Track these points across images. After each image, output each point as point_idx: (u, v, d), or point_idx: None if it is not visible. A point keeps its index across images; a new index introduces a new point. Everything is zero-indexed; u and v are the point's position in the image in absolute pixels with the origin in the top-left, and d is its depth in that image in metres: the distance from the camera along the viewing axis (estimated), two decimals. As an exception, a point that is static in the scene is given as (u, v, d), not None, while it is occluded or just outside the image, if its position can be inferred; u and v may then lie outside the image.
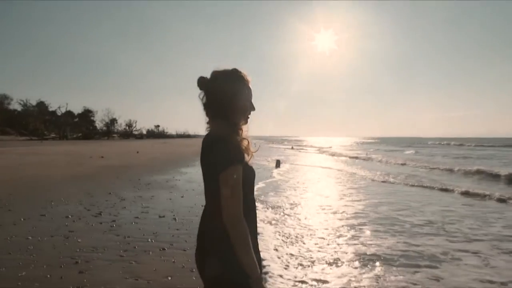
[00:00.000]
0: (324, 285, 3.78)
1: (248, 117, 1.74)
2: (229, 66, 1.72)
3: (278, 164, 19.30)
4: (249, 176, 1.62)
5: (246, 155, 1.63)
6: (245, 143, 1.66)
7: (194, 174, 13.66)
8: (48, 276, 3.68)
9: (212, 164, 1.53)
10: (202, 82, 1.68)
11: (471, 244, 5.32)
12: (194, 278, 3.77)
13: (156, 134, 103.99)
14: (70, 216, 6.21)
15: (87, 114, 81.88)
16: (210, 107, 1.67)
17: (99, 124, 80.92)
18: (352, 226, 6.21)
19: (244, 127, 1.71)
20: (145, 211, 6.84)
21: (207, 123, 1.71)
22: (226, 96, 1.63)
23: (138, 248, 4.68)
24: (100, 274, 3.77)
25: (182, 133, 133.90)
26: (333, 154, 33.98)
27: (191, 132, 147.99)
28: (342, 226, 6.25)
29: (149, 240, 5.06)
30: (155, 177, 12.17)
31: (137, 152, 25.08)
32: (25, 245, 4.64)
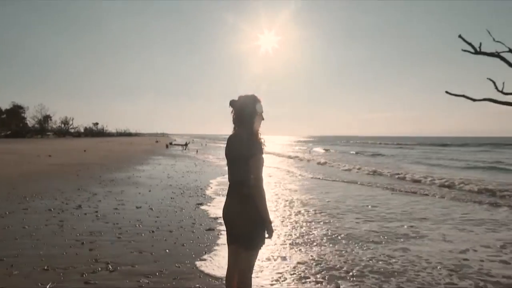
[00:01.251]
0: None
1: (260, 125, 2.74)
2: (249, 92, 2.72)
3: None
4: (264, 161, 2.64)
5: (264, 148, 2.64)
6: (262, 141, 2.66)
7: (152, 171, 14.21)
8: (64, 253, 4.36)
9: (246, 153, 2.52)
10: (232, 103, 2.66)
11: (390, 223, 6.78)
12: (187, 250, 4.68)
13: (95, 133, 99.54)
14: (52, 209, 6.71)
15: (16, 110, 75.90)
16: (238, 119, 2.65)
17: (30, 121, 75.58)
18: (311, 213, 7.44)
19: (260, 130, 2.71)
20: (121, 204, 7.49)
21: (234, 128, 2.70)
22: (248, 114, 2.63)
23: (130, 232, 5.44)
24: (108, 251, 4.53)
25: (123, 131, 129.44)
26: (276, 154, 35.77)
27: (133, 130, 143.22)
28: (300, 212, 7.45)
29: (136, 225, 5.82)
30: (115, 175, 12.56)
31: (84, 150, 24.60)
32: (26, 232, 5.18)
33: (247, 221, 2.55)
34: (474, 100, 22.34)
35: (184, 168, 16.16)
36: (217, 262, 4.26)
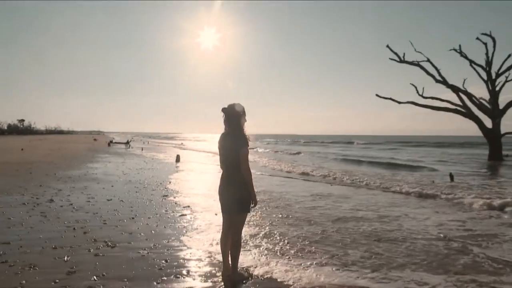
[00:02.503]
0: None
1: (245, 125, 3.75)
2: (236, 102, 3.71)
3: (178, 159, 20.85)
4: (248, 151, 3.66)
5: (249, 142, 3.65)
6: (248, 137, 3.66)
7: (106, 169, 14.43)
8: (62, 236, 4.99)
9: (238, 145, 3.50)
10: (225, 109, 3.63)
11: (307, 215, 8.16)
12: (170, 230, 5.53)
13: (20, 130, 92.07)
14: (26, 203, 7.07)
15: None
16: (229, 121, 3.63)
17: None
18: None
19: (245, 129, 3.70)
20: (91, 197, 8.00)
21: (225, 128, 3.67)
22: (237, 117, 3.62)
23: (112, 219, 6.11)
24: (101, 233, 5.22)
25: (54, 129, 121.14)
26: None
27: (64, 128, 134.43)
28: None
29: (115, 214, 6.49)
30: (69, 172, 12.65)
31: (22, 149, 23.47)
32: (15, 222, 5.64)
33: (236, 195, 3.56)
34: (399, 102, 25.69)
35: (136, 165, 16.48)
36: (198, 238, 5.19)
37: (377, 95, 26.77)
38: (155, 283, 3.53)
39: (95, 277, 3.60)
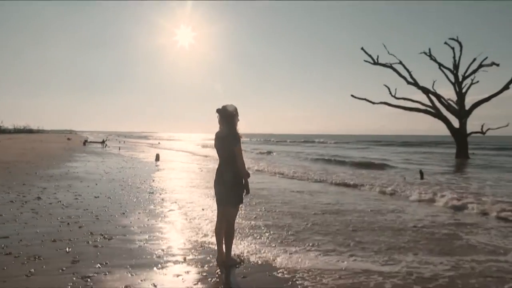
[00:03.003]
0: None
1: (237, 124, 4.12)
2: (229, 103, 4.08)
3: (157, 158, 20.92)
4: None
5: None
6: (240, 134, 4.03)
7: (86, 168, 14.41)
8: (59, 230, 5.20)
9: (232, 141, 3.87)
10: (219, 110, 3.99)
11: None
12: (161, 224, 5.82)
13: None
14: (14, 201, 7.16)
15: None
16: (223, 120, 3.99)
17: None
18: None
19: (238, 127, 4.08)
20: (78, 195, 8.14)
21: (220, 127, 4.03)
22: (231, 116, 3.99)
23: (103, 214, 6.33)
24: (95, 227, 5.45)
25: (22, 128, 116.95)
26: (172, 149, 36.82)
27: (34, 127, 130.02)
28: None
29: (105, 210, 6.70)
30: (49, 171, 12.60)
31: (-6, 148, 22.85)
32: (8, 218, 5.77)
33: (230, 189, 3.93)
34: (373, 103, 26.79)
35: (116, 164, 16.49)
36: (189, 230, 5.52)
37: (352, 95, 27.69)
38: (155, 268, 3.85)
39: (99, 264, 3.88)
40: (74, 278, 3.51)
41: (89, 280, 3.48)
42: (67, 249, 4.37)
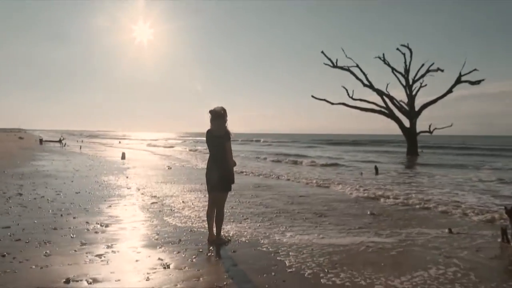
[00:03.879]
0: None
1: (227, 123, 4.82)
2: (220, 104, 4.77)
3: (123, 156, 20.95)
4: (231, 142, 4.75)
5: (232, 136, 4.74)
6: (230, 132, 4.73)
7: (54, 166, 14.37)
8: (55, 220, 5.62)
9: (223, 138, 4.57)
10: (211, 111, 4.67)
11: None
12: (148, 214, 6.37)
13: None
14: (-3, 197, 7.37)
15: None
16: (215, 120, 4.68)
17: None
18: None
19: (228, 126, 4.77)
20: (58, 191, 8.42)
21: (212, 125, 4.71)
22: (222, 116, 4.68)
23: (92, 206, 6.77)
24: (90, 218, 5.91)
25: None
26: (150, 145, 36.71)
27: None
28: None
29: (91, 203, 7.11)
30: (17, 170, 12.52)
31: None
32: (0, 212, 6.08)
33: (222, 177, 4.63)
34: (332, 103, 28.54)
35: (83, 163, 16.47)
36: (177, 217, 6.12)
37: (312, 96, 29.04)
38: (157, 248, 4.47)
39: (106, 246, 4.43)
40: (89, 256, 4.06)
41: (102, 257, 4.04)
42: (71, 235, 4.86)
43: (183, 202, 7.60)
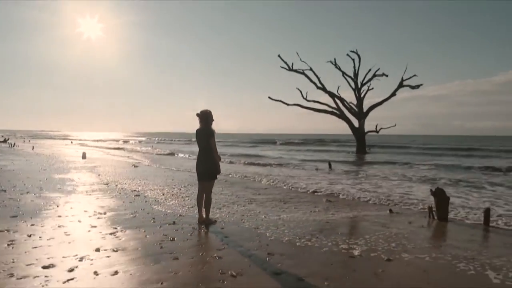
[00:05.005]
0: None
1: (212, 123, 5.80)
2: (207, 107, 5.74)
3: (84, 156, 20.93)
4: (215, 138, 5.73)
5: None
6: (214, 130, 5.71)
7: (18, 166, 14.34)
8: (55, 210, 6.25)
9: (208, 135, 5.54)
10: (199, 114, 5.63)
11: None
12: (136, 203, 7.15)
13: None
14: (-17, 193, 7.73)
15: None
16: (203, 120, 5.64)
17: None
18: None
19: (213, 125, 5.74)
20: (40, 186, 8.86)
21: (200, 125, 5.67)
22: (208, 117, 5.66)
23: (80, 199, 7.40)
24: (85, 207, 6.59)
25: None
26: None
27: None
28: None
29: (76, 198, 7.73)
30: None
31: None
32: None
33: (208, 168, 5.60)
34: (287, 104, 30.47)
35: (46, 162, 16.45)
36: (165, 205, 6.97)
37: (269, 97, 30.45)
38: (158, 227, 5.34)
39: (113, 228, 5.23)
40: (102, 233, 4.87)
41: (113, 234, 4.87)
42: (78, 221, 5.58)
43: (163, 194, 8.42)
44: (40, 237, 4.65)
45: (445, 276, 3.70)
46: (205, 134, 5.57)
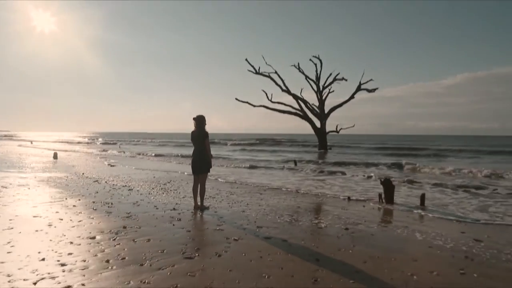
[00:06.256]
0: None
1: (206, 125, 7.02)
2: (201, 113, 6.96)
3: (55, 156, 21.13)
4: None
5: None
6: (208, 131, 6.93)
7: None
8: (52, 198, 7.19)
9: (203, 136, 6.77)
10: (195, 118, 6.84)
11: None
12: (133, 197, 8.19)
13: None
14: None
15: None
16: (198, 123, 6.85)
17: None
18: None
19: (206, 128, 6.97)
20: (25, 184, 9.60)
21: (196, 128, 6.88)
22: (202, 121, 6.89)
23: (86, 194, 8.32)
24: (94, 199, 7.55)
25: None
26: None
27: None
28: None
29: (82, 193, 8.63)
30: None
31: None
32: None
33: (203, 163, 6.82)
34: (254, 106, 32.33)
35: (17, 163, 16.73)
36: (162, 197, 8.07)
37: (236, 99, 31.77)
38: (163, 212, 6.48)
39: (126, 213, 6.31)
40: (119, 216, 5.96)
41: (129, 218, 5.97)
42: (93, 209, 6.60)
43: (152, 188, 9.47)
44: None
45: (387, 237, 5.20)
46: (201, 135, 6.78)
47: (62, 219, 5.70)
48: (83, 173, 12.83)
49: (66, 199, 7.52)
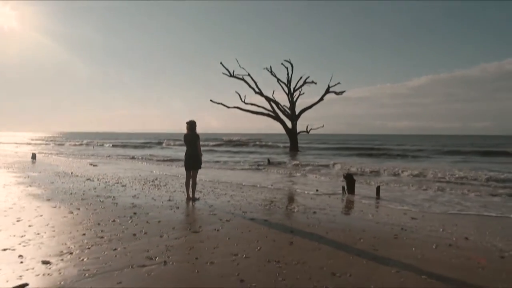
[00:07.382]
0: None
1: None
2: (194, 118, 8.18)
3: (34, 156, 21.47)
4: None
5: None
6: (199, 134, 8.17)
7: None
8: (54, 192, 8.19)
9: (196, 139, 7.99)
10: (188, 122, 8.06)
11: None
12: (129, 193, 9.25)
13: None
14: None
15: None
16: (190, 127, 8.07)
17: None
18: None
19: (197, 131, 8.20)
20: (20, 182, 10.42)
21: (188, 131, 8.09)
22: (194, 126, 8.11)
23: (87, 192, 9.29)
24: (97, 193, 8.56)
25: None
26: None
27: None
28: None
29: (81, 190, 9.58)
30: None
31: None
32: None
33: (195, 161, 8.05)
34: (228, 107, 33.68)
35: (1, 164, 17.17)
36: (156, 193, 9.18)
37: (211, 100, 32.84)
38: (161, 203, 7.64)
39: (130, 203, 7.43)
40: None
41: (135, 207, 7.09)
42: (100, 201, 7.65)
43: (144, 184, 10.55)
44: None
45: (345, 218, 6.67)
46: (194, 138, 7.98)
47: (79, 209, 6.77)
48: (72, 172, 13.62)
49: (71, 193, 8.51)
